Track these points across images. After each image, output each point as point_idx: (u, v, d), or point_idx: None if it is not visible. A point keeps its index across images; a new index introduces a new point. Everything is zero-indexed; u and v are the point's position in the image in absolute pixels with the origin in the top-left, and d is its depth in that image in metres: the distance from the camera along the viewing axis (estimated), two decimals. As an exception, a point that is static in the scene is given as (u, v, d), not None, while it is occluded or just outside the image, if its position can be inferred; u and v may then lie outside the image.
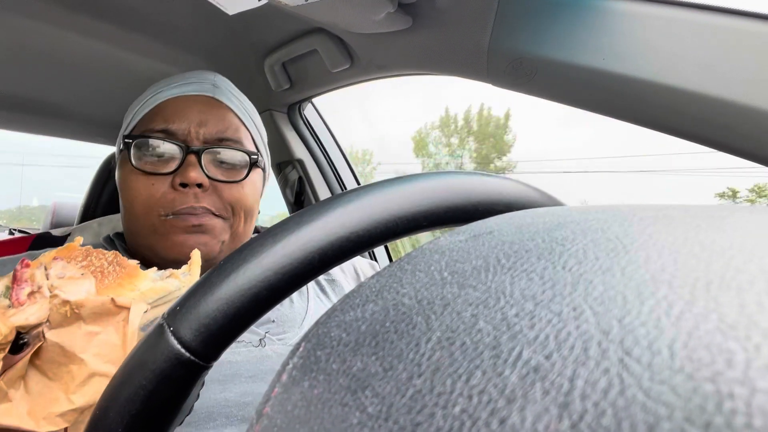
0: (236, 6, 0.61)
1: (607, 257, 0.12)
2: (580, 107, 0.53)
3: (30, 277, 0.31)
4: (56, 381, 0.29)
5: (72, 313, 0.30)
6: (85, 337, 0.30)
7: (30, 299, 0.30)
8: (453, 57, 0.63)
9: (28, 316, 0.29)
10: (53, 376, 0.29)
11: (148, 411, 0.19)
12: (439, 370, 0.10)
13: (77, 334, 0.29)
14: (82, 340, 0.29)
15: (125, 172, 0.56)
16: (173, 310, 0.20)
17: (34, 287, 0.30)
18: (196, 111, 0.57)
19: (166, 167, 0.55)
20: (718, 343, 0.08)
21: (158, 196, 0.54)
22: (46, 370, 0.30)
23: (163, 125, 0.56)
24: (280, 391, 0.13)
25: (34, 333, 0.29)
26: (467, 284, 0.12)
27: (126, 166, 0.56)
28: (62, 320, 0.30)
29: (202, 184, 0.54)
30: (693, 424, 0.07)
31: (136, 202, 0.55)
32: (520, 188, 0.24)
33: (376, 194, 0.21)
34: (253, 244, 0.20)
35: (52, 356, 0.29)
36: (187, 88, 0.59)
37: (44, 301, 0.30)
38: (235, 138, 0.59)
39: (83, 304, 0.30)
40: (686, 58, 0.44)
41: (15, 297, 0.30)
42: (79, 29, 0.75)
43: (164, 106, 0.58)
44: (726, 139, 0.43)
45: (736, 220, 0.13)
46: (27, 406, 0.29)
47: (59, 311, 0.29)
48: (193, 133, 0.56)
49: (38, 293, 0.30)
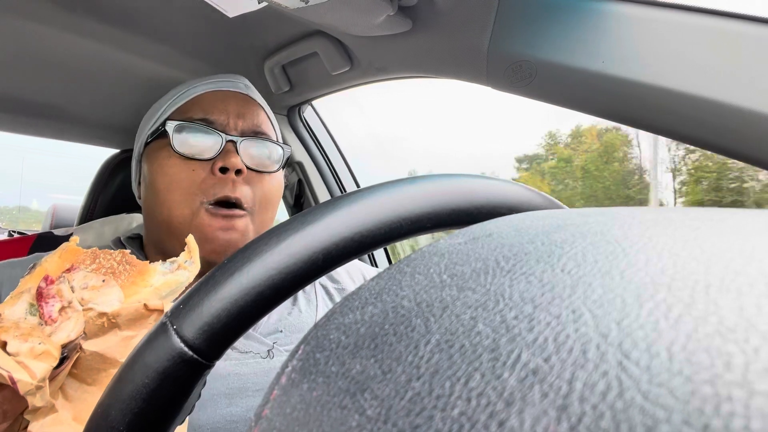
0: (236, 9, 0.61)
1: (606, 260, 0.12)
2: (579, 110, 0.53)
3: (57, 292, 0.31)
4: (96, 385, 0.31)
5: (109, 323, 0.31)
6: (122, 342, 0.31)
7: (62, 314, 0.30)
8: (452, 60, 0.63)
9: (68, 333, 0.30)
10: (92, 381, 0.31)
11: (151, 409, 0.19)
12: (438, 372, 0.10)
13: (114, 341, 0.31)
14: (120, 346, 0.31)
15: (162, 158, 0.58)
16: (176, 308, 0.20)
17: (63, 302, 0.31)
18: (233, 104, 0.60)
19: (205, 154, 0.57)
20: (716, 345, 0.08)
21: (199, 180, 0.56)
22: (85, 377, 0.31)
23: (203, 115, 0.58)
24: (279, 394, 0.13)
25: (72, 346, 0.30)
26: (466, 287, 0.12)
27: (162, 153, 0.58)
28: (98, 330, 0.31)
29: (241, 170, 0.56)
30: (691, 427, 0.07)
31: (175, 186, 0.56)
32: (522, 191, 0.24)
33: (381, 195, 0.21)
34: (257, 243, 0.20)
35: (90, 364, 0.31)
36: (222, 85, 0.62)
37: (77, 315, 0.31)
38: (267, 133, 0.62)
39: (119, 314, 0.31)
40: (686, 61, 0.44)
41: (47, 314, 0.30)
42: (80, 32, 0.75)
43: (201, 98, 0.60)
44: (725, 142, 0.43)
45: (736, 222, 0.13)
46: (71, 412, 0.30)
47: (95, 323, 0.31)
48: (232, 124, 0.59)
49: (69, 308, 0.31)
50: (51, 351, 0.28)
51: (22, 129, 1.05)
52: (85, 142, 1.16)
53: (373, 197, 0.21)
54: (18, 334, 0.28)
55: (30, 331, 0.29)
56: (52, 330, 0.30)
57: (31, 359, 0.27)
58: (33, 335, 0.29)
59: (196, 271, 0.35)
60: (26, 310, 0.31)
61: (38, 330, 0.29)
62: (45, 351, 0.28)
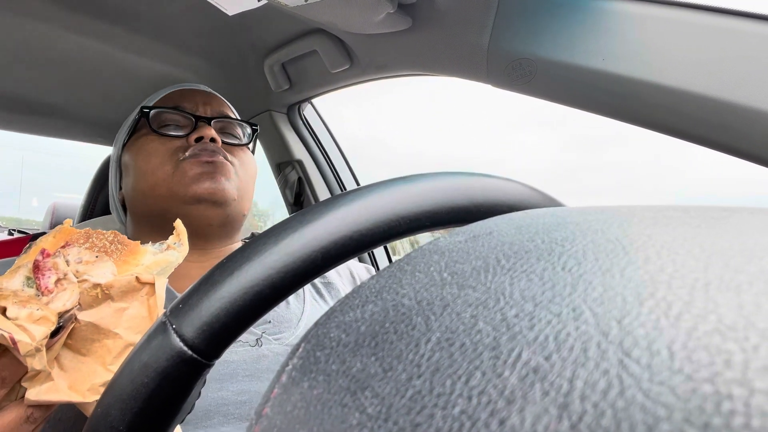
0: (236, 6, 0.61)
1: (606, 258, 0.12)
2: (579, 108, 0.53)
3: (53, 265, 0.33)
4: (90, 356, 0.32)
5: (102, 294, 0.32)
6: (116, 313, 0.32)
7: (58, 286, 0.32)
8: (453, 58, 0.63)
9: (64, 302, 0.31)
10: (86, 352, 0.32)
11: (151, 409, 0.19)
12: (438, 370, 0.10)
13: (107, 312, 0.32)
14: (114, 317, 0.32)
15: (140, 144, 0.62)
16: (176, 307, 0.20)
17: (59, 274, 0.32)
18: (200, 97, 0.66)
19: (181, 131, 0.62)
20: (716, 344, 0.08)
21: (175, 147, 0.59)
22: (80, 348, 0.32)
23: (174, 104, 0.63)
24: (280, 392, 0.13)
25: (67, 316, 0.31)
26: (467, 285, 0.12)
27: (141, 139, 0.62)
28: (92, 301, 0.32)
29: (215, 139, 0.60)
30: (692, 425, 0.07)
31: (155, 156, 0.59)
32: (522, 189, 0.24)
33: (379, 194, 0.21)
34: (256, 243, 0.20)
35: (84, 335, 0.32)
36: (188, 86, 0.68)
37: (73, 286, 0.32)
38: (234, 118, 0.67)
39: (112, 285, 0.32)
40: (686, 58, 0.44)
41: (44, 286, 0.32)
42: (79, 30, 0.75)
43: (170, 95, 0.66)
44: (725, 140, 0.43)
45: (736, 221, 0.13)
46: (66, 381, 0.31)
47: (90, 294, 0.32)
48: (201, 109, 0.64)
49: (65, 280, 0.32)
50: (48, 316, 0.30)
51: (21, 127, 1.05)
52: (86, 141, 1.16)
53: (372, 196, 0.21)
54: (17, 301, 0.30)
55: (28, 299, 0.31)
56: (49, 300, 0.31)
57: (30, 323, 0.29)
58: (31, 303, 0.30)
59: (185, 252, 0.36)
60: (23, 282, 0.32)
61: (35, 300, 0.31)
62: (43, 316, 0.30)
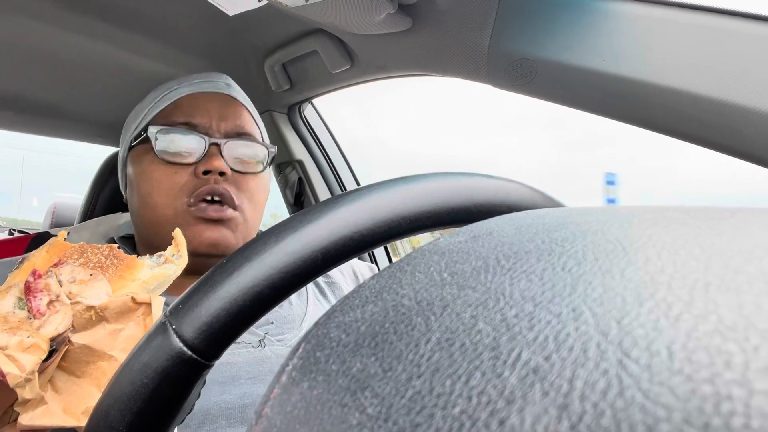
0: (236, 7, 0.61)
1: (606, 258, 0.12)
2: (579, 109, 0.53)
3: (45, 286, 0.32)
4: (85, 378, 0.31)
5: (96, 316, 0.31)
6: (111, 335, 0.31)
7: (50, 308, 0.31)
8: (453, 58, 0.63)
9: (56, 326, 0.30)
10: (81, 374, 0.31)
11: (150, 409, 0.19)
12: (438, 371, 0.10)
13: (102, 334, 0.31)
14: (108, 339, 0.31)
15: (145, 163, 0.57)
16: (176, 308, 0.20)
17: (51, 296, 0.31)
18: (215, 106, 0.59)
19: (189, 158, 0.56)
20: (716, 344, 0.08)
21: (181, 183, 0.55)
22: (74, 370, 0.31)
23: (185, 119, 0.58)
24: (280, 392, 0.13)
25: (60, 339, 0.30)
26: (467, 285, 0.12)
27: (146, 158, 0.57)
28: (86, 323, 0.31)
29: (224, 172, 0.56)
30: (692, 426, 0.07)
31: (158, 190, 0.56)
32: (522, 190, 0.24)
33: (380, 194, 0.21)
34: (256, 243, 0.20)
35: (78, 357, 0.31)
36: (203, 86, 0.61)
37: (66, 308, 0.31)
38: (251, 133, 0.61)
39: (107, 307, 0.31)
40: (686, 59, 0.44)
41: (36, 308, 0.31)
42: (80, 30, 0.75)
43: (182, 101, 0.60)
44: (725, 141, 0.43)
45: (736, 221, 0.13)
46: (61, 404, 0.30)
47: (83, 316, 0.31)
48: (215, 126, 0.58)
49: (57, 301, 0.31)
50: (40, 344, 0.29)
51: (21, 127, 1.05)
52: (85, 141, 1.16)
53: (372, 196, 0.21)
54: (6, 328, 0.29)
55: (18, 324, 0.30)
56: (41, 323, 0.30)
57: (20, 352, 0.28)
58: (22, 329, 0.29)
59: (183, 264, 0.35)
60: (14, 304, 0.32)
61: (27, 323, 0.30)
62: (34, 344, 0.28)
